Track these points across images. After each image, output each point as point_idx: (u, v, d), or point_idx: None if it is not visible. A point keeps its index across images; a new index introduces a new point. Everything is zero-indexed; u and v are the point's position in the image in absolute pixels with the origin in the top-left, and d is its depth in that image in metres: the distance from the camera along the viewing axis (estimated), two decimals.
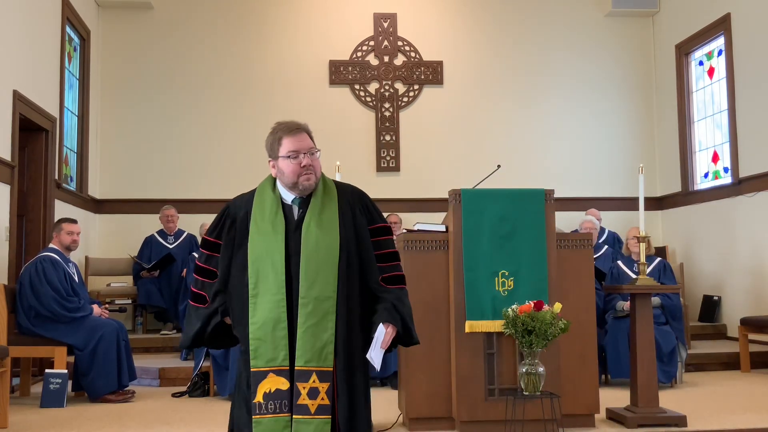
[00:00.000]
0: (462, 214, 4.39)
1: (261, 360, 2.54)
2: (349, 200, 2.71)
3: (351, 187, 2.79)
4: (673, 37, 9.07)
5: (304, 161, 2.63)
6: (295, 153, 2.64)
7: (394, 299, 2.65)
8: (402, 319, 2.64)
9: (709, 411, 4.97)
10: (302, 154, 2.64)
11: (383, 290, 2.67)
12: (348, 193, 2.74)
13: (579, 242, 4.62)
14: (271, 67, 9.02)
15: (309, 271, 2.54)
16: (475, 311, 4.31)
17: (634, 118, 9.42)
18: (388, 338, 2.60)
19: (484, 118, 9.18)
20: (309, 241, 2.58)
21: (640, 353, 4.64)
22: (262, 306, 2.55)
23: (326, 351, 2.53)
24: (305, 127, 2.74)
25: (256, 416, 2.52)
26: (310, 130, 2.77)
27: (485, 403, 4.31)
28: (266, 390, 2.53)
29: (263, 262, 2.56)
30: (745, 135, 7.77)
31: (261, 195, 2.70)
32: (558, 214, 4.69)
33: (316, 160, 2.67)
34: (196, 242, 8.10)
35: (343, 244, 2.61)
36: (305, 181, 2.64)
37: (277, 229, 2.60)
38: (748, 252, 7.65)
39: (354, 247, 2.64)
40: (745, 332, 6.82)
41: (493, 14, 9.32)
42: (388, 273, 2.70)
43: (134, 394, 5.65)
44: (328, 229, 2.60)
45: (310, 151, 2.66)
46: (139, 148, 8.77)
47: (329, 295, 2.55)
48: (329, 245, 2.58)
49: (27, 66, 6.48)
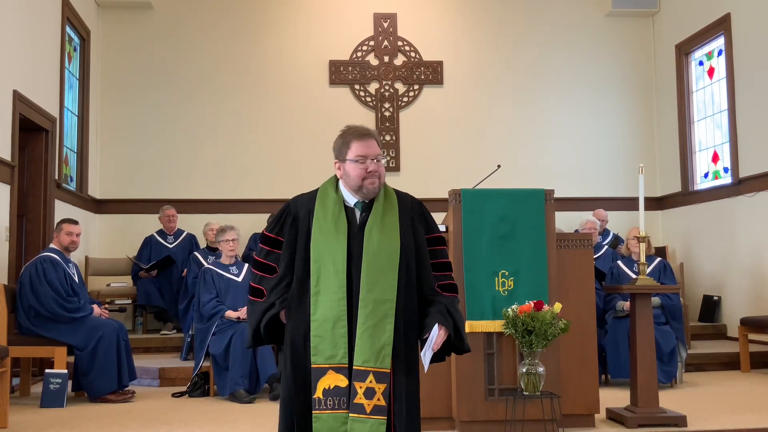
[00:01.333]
0: (462, 214, 4.40)
1: (321, 357, 2.60)
2: (409, 208, 2.78)
3: (410, 196, 2.86)
4: (673, 37, 9.07)
5: (370, 167, 2.70)
6: (363, 158, 2.70)
7: (448, 304, 2.73)
8: (455, 324, 2.71)
9: (709, 411, 4.97)
10: (369, 159, 2.71)
11: (438, 296, 2.75)
12: (407, 202, 2.81)
13: (579, 242, 4.62)
14: (271, 67, 9.02)
15: (370, 273, 2.61)
16: (475, 311, 4.31)
17: (634, 118, 9.42)
18: (440, 340, 2.66)
19: (484, 118, 9.18)
20: (371, 244, 2.64)
21: (640, 353, 4.64)
22: (323, 304, 2.61)
23: (384, 352, 2.58)
24: (374, 133, 2.81)
25: (316, 411, 2.57)
26: (379, 137, 2.84)
27: (485, 403, 4.31)
28: (326, 386, 2.59)
29: (325, 262, 2.63)
30: (745, 135, 7.77)
31: (323, 195, 2.77)
32: (558, 214, 4.70)
33: (382, 166, 2.75)
34: (196, 242, 8.10)
35: (404, 249, 2.67)
36: (370, 185, 2.70)
37: (339, 230, 2.67)
38: (748, 252, 7.65)
39: (413, 254, 2.71)
40: (745, 332, 6.82)
41: (493, 14, 9.32)
42: (443, 281, 2.79)
43: (134, 394, 5.65)
44: (389, 233, 2.67)
45: (377, 158, 2.73)
46: (139, 148, 8.77)
47: (389, 297, 2.61)
48: (391, 249, 2.65)
49: (27, 66, 6.48)
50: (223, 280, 6.05)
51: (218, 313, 5.84)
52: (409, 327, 2.68)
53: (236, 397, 5.51)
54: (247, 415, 5.07)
